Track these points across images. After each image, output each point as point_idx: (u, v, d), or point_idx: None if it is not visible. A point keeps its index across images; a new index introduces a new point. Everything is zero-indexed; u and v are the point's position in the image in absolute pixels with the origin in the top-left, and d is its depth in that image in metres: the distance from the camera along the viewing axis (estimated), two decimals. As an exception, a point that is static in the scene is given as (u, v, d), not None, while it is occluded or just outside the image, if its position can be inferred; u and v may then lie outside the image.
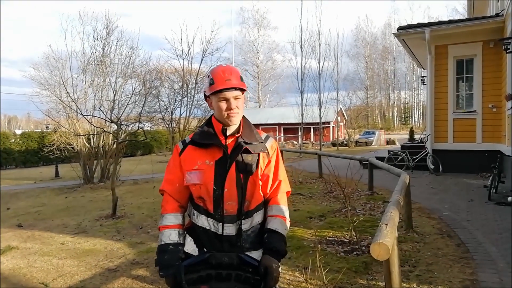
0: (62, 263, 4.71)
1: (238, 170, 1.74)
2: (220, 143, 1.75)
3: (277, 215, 1.81)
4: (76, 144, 12.92)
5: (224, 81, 1.72)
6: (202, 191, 1.75)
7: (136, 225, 6.51)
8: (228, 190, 1.73)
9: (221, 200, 1.73)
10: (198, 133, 1.82)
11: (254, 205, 1.79)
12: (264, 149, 1.82)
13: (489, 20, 9.81)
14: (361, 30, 59.78)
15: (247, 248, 1.76)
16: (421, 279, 3.57)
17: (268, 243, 1.74)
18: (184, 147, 1.84)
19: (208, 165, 1.74)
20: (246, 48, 52.61)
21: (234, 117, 1.74)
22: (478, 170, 9.86)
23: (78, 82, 13.63)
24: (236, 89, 1.73)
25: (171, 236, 1.79)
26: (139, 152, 27.32)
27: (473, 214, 5.91)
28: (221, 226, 1.74)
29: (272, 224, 1.78)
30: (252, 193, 1.77)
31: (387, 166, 6.86)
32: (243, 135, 1.78)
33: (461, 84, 11.10)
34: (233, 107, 1.72)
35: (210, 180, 1.73)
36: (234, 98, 1.73)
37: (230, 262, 1.69)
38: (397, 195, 3.44)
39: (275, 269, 1.67)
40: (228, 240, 1.74)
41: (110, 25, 14.22)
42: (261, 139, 1.84)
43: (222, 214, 1.73)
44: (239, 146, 1.74)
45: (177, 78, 20.63)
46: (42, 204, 9.42)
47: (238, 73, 1.78)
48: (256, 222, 1.81)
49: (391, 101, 61.24)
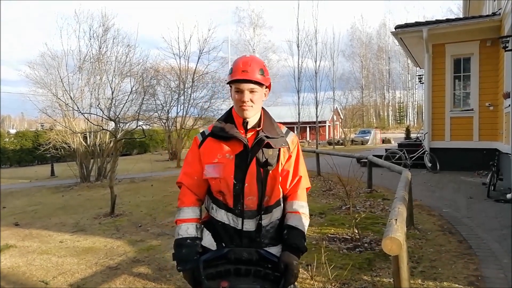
0: (61, 261, 4.65)
1: (259, 164, 1.71)
2: (240, 136, 1.71)
3: (297, 211, 1.78)
4: (73, 142, 12.81)
5: (241, 72, 1.68)
6: (222, 185, 1.71)
7: (135, 223, 6.46)
8: (248, 184, 1.69)
9: (242, 195, 1.69)
10: (218, 125, 1.77)
11: (274, 201, 1.76)
12: (285, 143, 1.79)
13: (486, 19, 9.85)
14: (356, 30, 59.90)
15: (266, 243, 1.73)
16: (425, 275, 3.56)
17: (287, 239, 1.72)
18: (203, 139, 1.79)
19: (229, 159, 1.70)
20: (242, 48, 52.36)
21: (247, 111, 1.70)
22: (475, 168, 9.90)
23: (74, 80, 13.54)
24: (253, 82, 1.68)
25: (189, 230, 1.74)
26: (135, 151, 27.21)
27: (473, 211, 5.93)
28: (240, 221, 1.71)
29: (292, 220, 1.76)
30: (272, 188, 1.74)
31: (388, 164, 6.86)
32: (264, 128, 1.75)
33: (458, 83, 11.15)
34: (246, 100, 1.68)
35: (230, 174, 1.69)
36: (250, 91, 1.69)
37: (249, 257, 1.65)
38: (402, 191, 3.43)
39: (296, 266, 1.65)
40: (247, 235, 1.71)
41: (106, 23, 14.15)
42: (282, 134, 1.81)
43: (242, 209, 1.70)
44: (261, 140, 1.70)
45: (174, 77, 20.59)
46: (38, 202, 9.33)
47: (259, 65, 1.72)
48: (276, 217, 1.78)
49: (386, 101, 61.39)
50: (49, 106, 14.03)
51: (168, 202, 8.13)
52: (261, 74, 1.71)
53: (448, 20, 10.54)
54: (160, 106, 19.60)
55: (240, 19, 52.09)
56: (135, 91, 12.50)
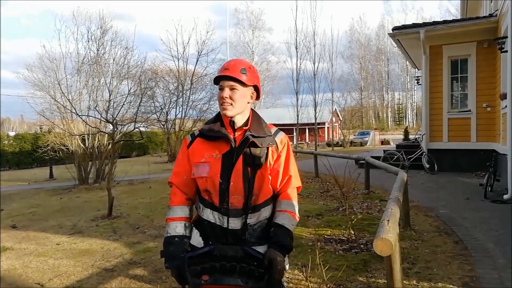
0: (58, 264, 4.65)
1: (246, 163, 1.72)
2: (227, 136, 1.73)
3: (285, 210, 1.78)
4: (71, 145, 12.80)
5: (223, 70, 1.73)
6: (208, 184, 1.73)
7: (133, 225, 6.46)
8: (234, 183, 1.71)
9: (227, 194, 1.71)
10: (206, 126, 1.81)
11: (262, 200, 1.77)
12: (273, 143, 1.80)
13: (483, 20, 9.88)
14: (355, 32, 60.11)
15: (252, 242, 1.74)
16: (420, 276, 3.57)
17: (273, 237, 1.73)
18: (192, 140, 1.84)
19: (215, 158, 1.73)
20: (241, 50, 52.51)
21: (226, 108, 1.72)
22: (473, 169, 9.91)
23: (72, 82, 13.53)
24: (233, 80, 1.70)
25: (177, 228, 1.78)
26: (134, 153, 27.20)
27: (469, 212, 5.94)
28: (226, 220, 1.73)
29: (279, 219, 1.76)
30: (260, 187, 1.75)
31: (384, 165, 6.87)
32: (251, 128, 1.77)
33: (455, 84, 11.18)
34: (224, 96, 1.71)
35: (216, 173, 1.72)
36: (230, 88, 1.72)
37: (234, 254, 1.67)
38: (397, 192, 3.44)
39: (280, 262, 1.65)
40: (233, 234, 1.73)
41: (105, 25, 14.17)
42: (270, 133, 1.82)
43: (227, 207, 1.72)
44: (246, 139, 1.73)
45: (172, 79, 20.62)
46: (36, 205, 9.32)
47: (243, 65, 1.75)
48: (264, 217, 1.79)
49: (385, 102, 61.53)
50: (47, 109, 14.01)
51: (166, 204, 8.05)
52: (243, 73, 1.72)
53: (445, 22, 10.57)
54: (158, 108, 19.62)
55: (238, 21, 52.24)
56: (133, 93, 12.51)
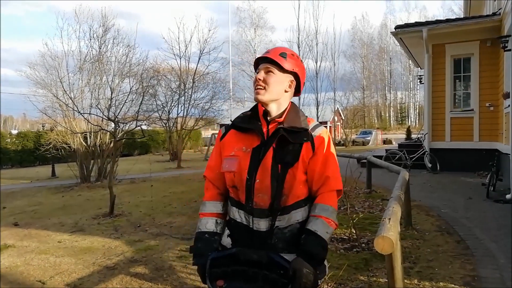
0: (59, 261, 4.66)
1: (275, 160, 1.57)
2: (259, 129, 1.61)
3: (319, 215, 1.57)
4: (73, 143, 12.84)
5: (264, 53, 1.64)
6: (236, 179, 1.61)
7: (134, 223, 6.47)
8: (260, 180, 1.56)
9: (252, 191, 1.58)
10: (240, 116, 1.70)
11: (293, 201, 1.59)
12: (308, 138, 1.60)
13: (486, 19, 9.84)
14: (357, 31, 59.90)
15: (280, 248, 1.57)
16: (421, 275, 3.56)
17: (302, 244, 1.53)
18: (226, 132, 1.72)
19: (245, 152, 1.61)
20: (243, 48, 52.47)
21: (259, 92, 1.59)
22: (476, 169, 9.88)
23: (74, 81, 13.57)
24: (270, 61, 1.59)
25: (208, 224, 1.69)
26: (136, 152, 27.25)
27: (472, 212, 5.92)
28: (251, 219, 1.59)
29: (312, 225, 1.56)
30: (291, 187, 1.57)
31: (386, 164, 6.86)
32: (285, 120, 1.61)
33: (458, 83, 11.14)
34: (258, 78, 1.60)
35: (244, 168, 1.58)
36: (265, 71, 1.61)
37: (259, 260, 1.51)
38: (398, 191, 3.43)
39: (306, 275, 1.44)
40: (258, 235, 1.58)
41: (106, 23, 14.19)
42: (307, 127, 1.63)
43: (252, 206, 1.59)
44: (277, 132, 1.58)
45: (174, 77, 20.62)
46: (38, 203, 9.35)
47: (283, 50, 1.64)
48: (295, 220, 1.60)
49: (388, 101, 61.37)
50: (50, 107, 14.06)
51: (167, 203, 8.14)
52: (282, 57, 1.61)
53: (448, 20, 10.54)
54: (160, 106, 19.63)
55: (241, 19, 52.17)
56: (135, 91, 12.52)
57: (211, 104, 21.27)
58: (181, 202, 8.14)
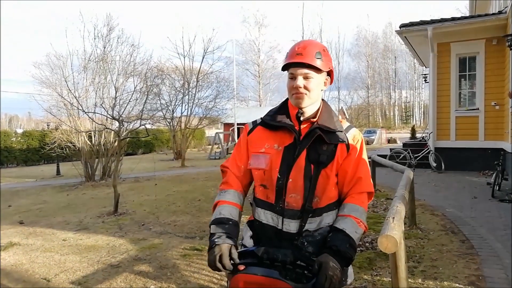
0: (64, 259, 4.68)
1: (309, 160, 1.53)
2: (292, 127, 1.57)
3: (348, 215, 1.51)
4: (78, 142, 12.89)
5: (295, 55, 1.53)
6: (265, 177, 1.56)
7: (138, 222, 6.49)
8: (293, 180, 1.52)
9: (284, 191, 1.52)
10: (270, 113, 1.66)
11: (325, 203, 1.55)
12: (343, 139, 1.58)
13: (492, 18, 9.77)
14: (362, 29, 59.66)
15: (310, 252, 1.52)
16: (426, 274, 3.54)
17: (329, 241, 1.46)
18: (253, 127, 1.69)
19: (277, 150, 1.57)
20: (247, 47, 52.47)
21: (300, 99, 1.54)
22: (481, 168, 9.83)
23: (79, 80, 13.62)
24: (308, 66, 1.52)
25: (232, 212, 1.58)
26: (140, 151, 27.33)
27: (477, 211, 5.89)
28: (281, 221, 1.54)
29: (340, 223, 1.50)
30: (324, 188, 1.53)
31: (390, 163, 6.82)
32: (319, 121, 1.58)
33: (463, 82, 11.08)
34: (299, 85, 1.53)
35: (276, 167, 1.54)
36: (304, 77, 1.54)
37: (284, 258, 1.44)
38: (402, 190, 3.42)
39: (332, 268, 1.34)
40: (287, 237, 1.53)
41: (111, 23, 14.22)
42: (342, 128, 1.61)
43: (283, 206, 1.53)
44: (313, 132, 1.54)
45: (178, 77, 20.65)
46: (43, 201, 9.40)
47: (317, 48, 1.55)
48: (326, 223, 1.55)
49: (392, 100, 61.13)
50: (54, 106, 14.14)
51: (171, 201, 8.16)
52: (318, 58, 1.53)
53: (453, 19, 10.46)
54: (164, 106, 19.67)
55: (245, 18, 52.19)
56: (139, 91, 12.54)
57: (215, 103, 21.31)
58: (185, 201, 8.16)
